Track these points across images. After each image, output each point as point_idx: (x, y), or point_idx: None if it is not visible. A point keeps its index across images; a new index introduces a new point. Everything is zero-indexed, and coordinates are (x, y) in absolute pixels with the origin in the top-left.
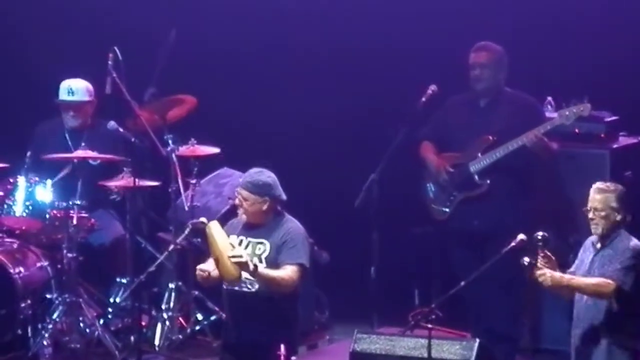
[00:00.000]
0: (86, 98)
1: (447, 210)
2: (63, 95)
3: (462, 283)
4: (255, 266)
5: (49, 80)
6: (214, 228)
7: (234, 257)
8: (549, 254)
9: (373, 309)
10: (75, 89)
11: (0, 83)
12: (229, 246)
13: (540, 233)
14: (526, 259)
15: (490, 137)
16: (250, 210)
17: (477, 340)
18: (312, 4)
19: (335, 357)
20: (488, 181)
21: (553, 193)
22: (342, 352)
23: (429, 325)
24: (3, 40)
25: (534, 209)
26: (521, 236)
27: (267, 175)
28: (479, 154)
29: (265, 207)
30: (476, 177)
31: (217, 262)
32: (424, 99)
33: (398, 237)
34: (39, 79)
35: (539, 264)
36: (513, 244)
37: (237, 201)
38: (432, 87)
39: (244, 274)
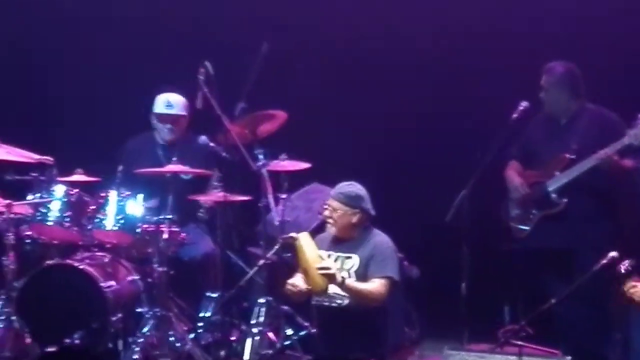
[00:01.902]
0: (183, 112)
1: (526, 228)
2: (161, 108)
3: (553, 301)
4: (343, 278)
5: (141, 95)
6: (304, 240)
7: (322, 268)
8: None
9: (463, 325)
10: (174, 102)
11: (92, 98)
12: (318, 258)
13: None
14: (625, 265)
15: (567, 156)
16: (339, 222)
17: (568, 358)
18: (407, 19)
19: None
20: (565, 200)
21: (635, 211)
22: None
23: (519, 343)
24: (98, 57)
25: (616, 227)
26: (613, 254)
27: (358, 188)
28: (557, 173)
29: (355, 219)
30: (554, 195)
31: (306, 274)
32: (515, 115)
33: (488, 254)
34: (131, 93)
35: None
36: (604, 261)
37: (327, 212)
38: (524, 104)
39: (334, 288)
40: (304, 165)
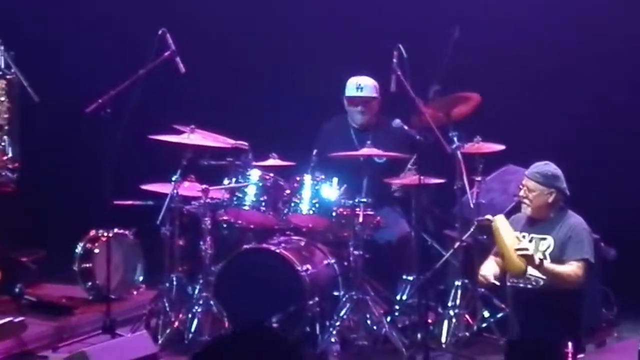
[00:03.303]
0: (374, 94)
1: None
2: (352, 91)
3: None
4: (541, 260)
5: (334, 79)
6: (500, 222)
7: (520, 249)
8: None
9: None
10: (363, 85)
11: (285, 82)
12: (515, 240)
13: None
14: None
15: None
16: (535, 202)
17: None
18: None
19: (624, 355)
20: None
21: None
22: (631, 350)
23: None
24: (290, 41)
25: None
26: None
27: (554, 167)
28: None
29: (550, 199)
30: None
31: (503, 257)
32: None
33: None
34: (324, 77)
35: None
36: None
37: (522, 193)
38: None
39: (530, 270)
40: (499, 147)
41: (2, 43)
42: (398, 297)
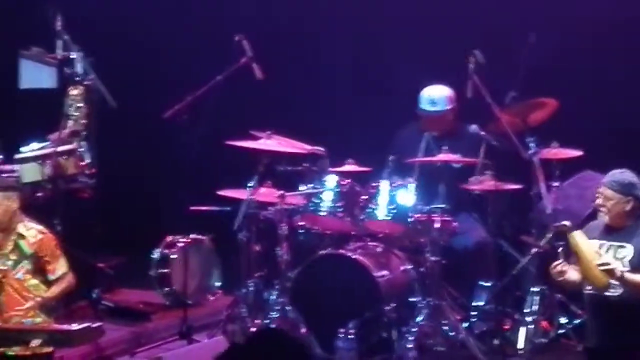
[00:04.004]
0: (447, 107)
1: None
2: (425, 106)
3: None
4: (622, 272)
5: (411, 84)
6: (579, 238)
7: (601, 265)
8: None
9: None
10: (437, 99)
11: (361, 87)
12: (596, 254)
13: None
14: None
15: None
16: (612, 210)
17: None
18: None
19: None
20: None
21: None
22: None
23: None
24: (367, 50)
25: None
26: None
27: (631, 175)
28: None
29: (628, 207)
30: None
31: (585, 271)
32: None
33: None
34: (401, 82)
35: None
36: None
37: (599, 201)
38: None
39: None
40: (576, 152)
41: (80, 49)
42: (475, 303)
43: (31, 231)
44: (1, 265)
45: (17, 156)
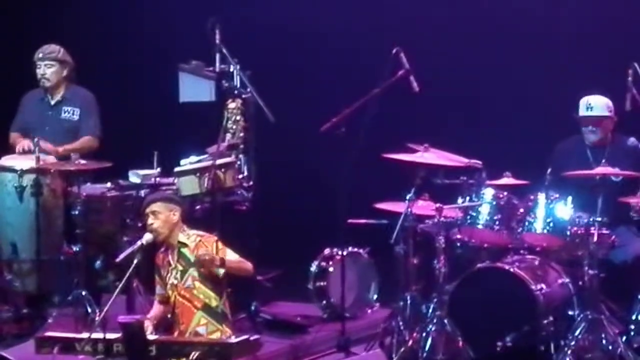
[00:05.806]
0: (605, 113)
1: None
2: (582, 111)
3: None
4: None
5: (569, 98)
6: None
7: None
8: None
9: None
10: (594, 104)
11: (517, 102)
12: None
13: None
14: None
15: None
16: None
17: None
18: None
19: None
20: None
21: None
22: None
23: None
24: (520, 59)
25: None
26: None
27: None
28: None
29: None
30: None
31: None
32: None
33: None
34: (559, 97)
35: None
36: None
37: None
38: None
39: None
40: None
41: (238, 62)
42: (634, 317)
43: (191, 237)
44: (173, 279)
45: (177, 169)
